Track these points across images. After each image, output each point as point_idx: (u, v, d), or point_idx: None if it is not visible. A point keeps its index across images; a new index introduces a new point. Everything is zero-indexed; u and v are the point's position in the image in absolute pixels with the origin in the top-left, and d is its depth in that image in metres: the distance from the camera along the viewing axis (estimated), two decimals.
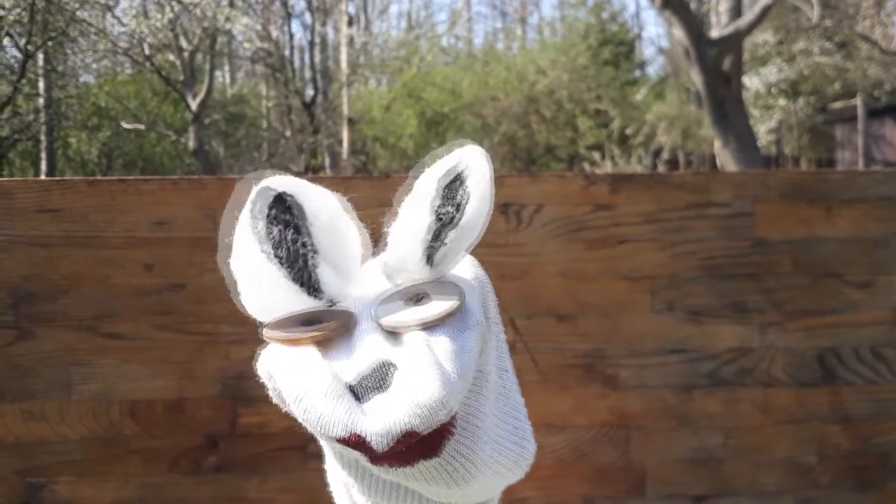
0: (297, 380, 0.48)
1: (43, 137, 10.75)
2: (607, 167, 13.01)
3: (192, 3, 10.84)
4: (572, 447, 1.23)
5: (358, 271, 0.57)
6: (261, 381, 0.58)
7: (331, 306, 0.56)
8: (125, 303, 1.19)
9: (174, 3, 10.87)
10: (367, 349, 0.50)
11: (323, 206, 0.56)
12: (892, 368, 1.27)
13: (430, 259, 0.55)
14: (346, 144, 13.18)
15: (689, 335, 1.24)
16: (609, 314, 1.24)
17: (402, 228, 0.56)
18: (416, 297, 0.53)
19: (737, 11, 7.97)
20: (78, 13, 9.84)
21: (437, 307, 0.52)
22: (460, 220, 0.54)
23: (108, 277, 1.19)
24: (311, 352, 0.50)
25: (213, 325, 1.20)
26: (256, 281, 0.55)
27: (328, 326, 0.52)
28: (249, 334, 1.21)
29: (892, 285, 1.26)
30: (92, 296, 1.19)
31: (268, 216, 0.55)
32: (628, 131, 13.65)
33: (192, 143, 11.83)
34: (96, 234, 1.19)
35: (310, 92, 13.93)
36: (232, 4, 12.34)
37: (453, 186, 0.55)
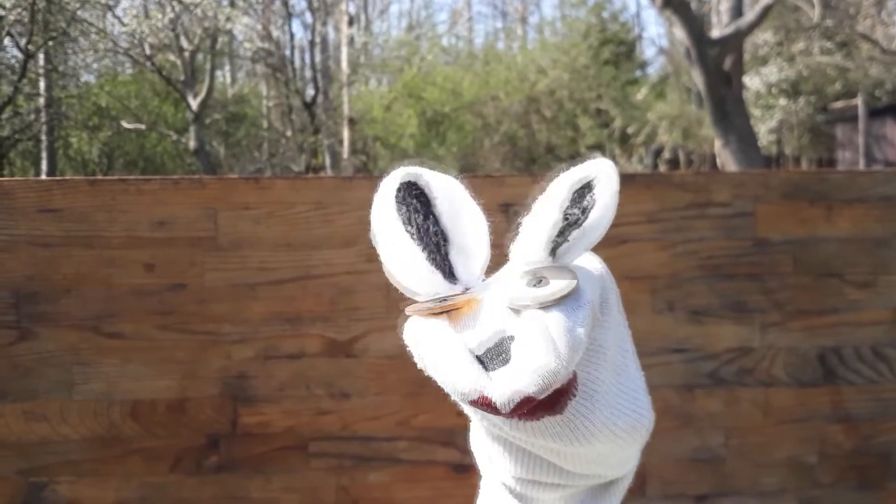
0: (435, 349, 0.55)
1: (44, 137, 10.76)
2: None
3: (192, 3, 10.84)
4: None
5: (482, 250, 0.62)
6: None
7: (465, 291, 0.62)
8: (127, 303, 1.19)
9: (175, 3, 10.87)
10: (490, 324, 0.57)
11: (445, 191, 0.62)
12: (893, 368, 1.27)
13: (553, 252, 0.61)
14: (346, 144, 13.18)
15: (690, 335, 1.25)
16: None
17: (532, 223, 0.62)
18: (537, 279, 0.59)
19: (737, 11, 7.97)
20: (79, 13, 9.85)
21: (553, 288, 0.57)
22: (584, 222, 0.60)
23: (110, 277, 1.19)
24: (444, 325, 0.57)
25: (215, 324, 1.20)
26: (400, 258, 0.61)
27: (456, 301, 0.58)
28: (251, 334, 1.21)
29: (894, 285, 1.27)
30: (93, 296, 1.19)
31: (396, 196, 0.60)
32: (629, 131, 13.65)
33: (192, 143, 11.83)
34: (97, 233, 1.19)
35: (310, 92, 13.92)
36: (232, 4, 12.34)
37: (582, 192, 0.61)
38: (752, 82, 12.95)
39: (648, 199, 1.24)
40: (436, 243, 0.60)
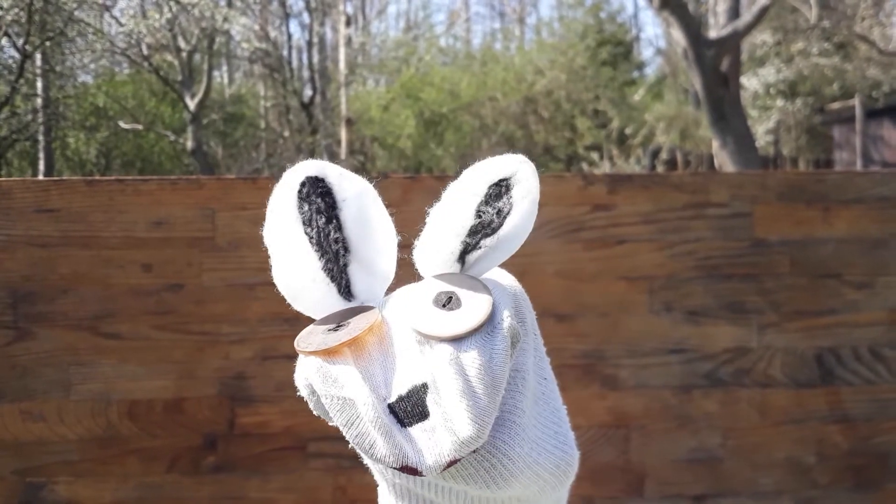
0: (344, 406, 0.49)
1: (41, 137, 10.73)
2: (605, 167, 13.00)
3: (190, 4, 10.83)
4: None
5: (388, 269, 0.56)
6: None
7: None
8: (124, 303, 1.19)
9: (172, 4, 10.86)
10: (401, 364, 0.50)
11: (354, 193, 0.55)
12: (891, 368, 1.27)
13: (462, 258, 0.54)
14: (344, 144, 13.17)
15: (688, 335, 1.25)
16: (607, 314, 1.24)
17: (441, 218, 0.55)
18: (447, 297, 0.52)
19: (735, 12, 7.98)
20: (76, 13, 9.83)
21: (466, 319, 0.51)
22: (499, 229, 0.53)
23: (107, 277, 1.19)
24: (351, 371, 0.49)
25: (213, 324, 1.20)
26: (290, 261, 0.54)
27: (355, 335, 0.51)
28: (249, 334, 1.21)
29: (891, 286, 1.27)
30: (91, 296, 1.19)
31: (299, 193, 0.54)
32: (627, 132, 13.66)
33: (190, 144, 11.81)
34: (95, 234, 1.19)
35: (308, 92, 13.92)
36: (230, 4, 12.34)
37: (499, 191, 0.54)
38: (749, 83, 12.97)
39: (646, 200, 1.24)
40: (335, 252, 0.53)
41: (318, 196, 0.54)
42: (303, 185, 0.54)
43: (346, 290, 0.54)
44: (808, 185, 1.26)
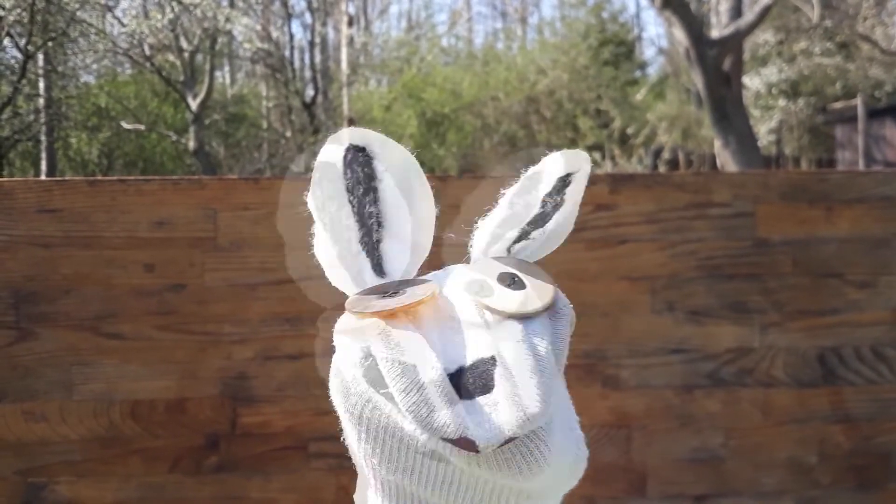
0: (404, 371, 0.47)
1: (43, 138, 10.74)
2: (607, 167, 13.00)
3: (192, 4, 10.83)
4: None
5: (424, 243, 0.55)
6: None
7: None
8: (126, 303, 1.19)
9: (174, 4, 10.87)
10: (459, 337, 0.50)
11: (396, 163, 0.54)
12: (893, 368, 1.27)
13: (509, 249, 0.56)
14: None
15: (690, 335, 1.24)
16: (609, 314, 1.24)
17: (507, 205, 0.56)
18: (511, 279, 0.53)
19: (737, 11, 7.96)
20: (78, 13, 9.84)
21: (535, 299, 0.51)
22: (548, 223, 0.55)
23: (109, 278, 1.19)
24: (414, 336, 0.49)
25: (215, 325, 1.20)
26: (333, 227, 0.53)
27: (419, 298, 0.50)
28: (250, 334, 1.21)
29: (893, 285, 1.27)
30: (93, 296, 1.19)
31: (344, 158, 0.54)
32: (629, 131, 13.65)
33: (192, 144, 11.82)
34: (97, 234, 1.19)
35: (310, 92, 13.92)
36: (232, 5, 12.34)
37: (561, 185, 0.56)
38: (751, 83, 12.95)
39: (648, 200, 1.24)
40: (369, 227, 0.53)
41: (358, 165, 0.54)
42: (348, 150, 0.54)
43: (377, 266, 0.54)
44: (810, 184, 1.26)
